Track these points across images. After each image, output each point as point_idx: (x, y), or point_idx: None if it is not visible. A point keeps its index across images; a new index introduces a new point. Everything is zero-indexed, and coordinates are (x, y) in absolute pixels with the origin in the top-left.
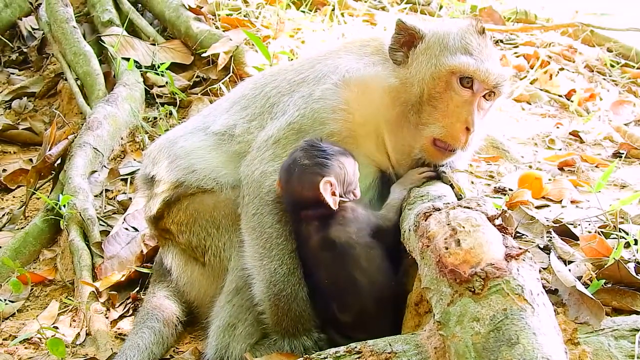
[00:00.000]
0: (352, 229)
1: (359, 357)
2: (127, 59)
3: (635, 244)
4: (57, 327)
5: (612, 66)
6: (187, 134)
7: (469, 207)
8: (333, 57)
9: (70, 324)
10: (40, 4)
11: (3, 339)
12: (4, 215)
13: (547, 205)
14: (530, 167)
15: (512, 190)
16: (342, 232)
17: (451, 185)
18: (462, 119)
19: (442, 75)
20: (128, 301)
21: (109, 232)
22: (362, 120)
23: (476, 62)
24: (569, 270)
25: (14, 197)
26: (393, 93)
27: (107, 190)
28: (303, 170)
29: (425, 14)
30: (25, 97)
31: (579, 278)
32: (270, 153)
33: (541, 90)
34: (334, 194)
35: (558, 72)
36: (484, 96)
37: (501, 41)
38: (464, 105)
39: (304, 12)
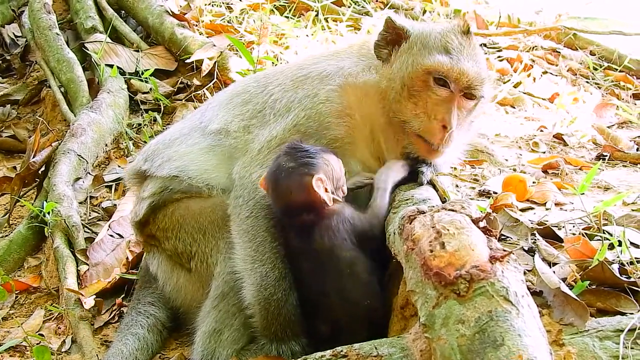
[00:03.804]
0: (338, 237)
1: None
2: (111, 66)
3: (619, 245)
4: (42, 335)
5: (595, 69)
6: (184, 135)
7: (453, 210)
8: (336, 59)
9: (56, 332)
10: (23, 11)
11: None
12: None
13: (532, 208)
14: (515, 170)
15: (496, 193)
16: (328, 241)
17: (435, 188)
18: (439, 117)
19: (418, 74)
20: (114, 308)
21: (94, 239)
22: (361, 126)
23: (451, 62)
24: (554, 272)
25: None
26: (383, 94)
27: (91, 197)
28: (290, 173)
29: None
30: (9, 105)
31: (564, 280)
32: (273, 156)
33: (525, 93)
34: (326, 190)
35: (541, 76)
36: (465, 95)
37: (485, 45)
38: (442, 103)
39: (287, 17)
